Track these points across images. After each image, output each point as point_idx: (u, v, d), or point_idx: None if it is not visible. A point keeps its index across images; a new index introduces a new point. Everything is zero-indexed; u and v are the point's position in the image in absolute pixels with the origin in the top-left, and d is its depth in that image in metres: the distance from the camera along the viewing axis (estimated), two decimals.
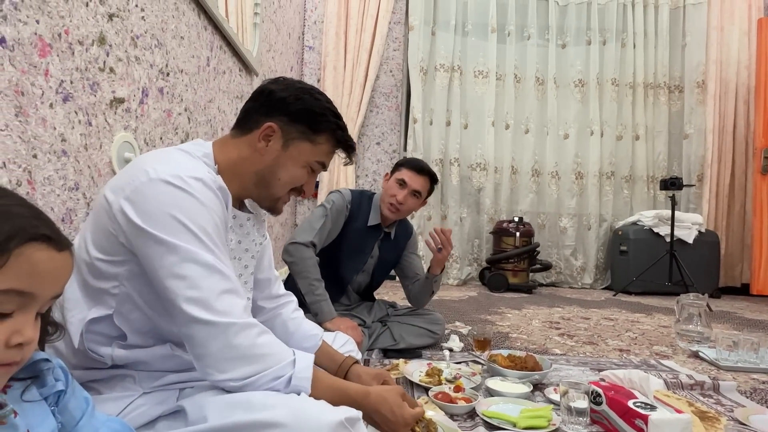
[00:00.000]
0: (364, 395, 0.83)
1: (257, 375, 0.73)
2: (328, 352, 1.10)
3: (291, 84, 0.93)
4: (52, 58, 1.00)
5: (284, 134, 0.90)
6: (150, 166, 0.76)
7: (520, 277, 3.87)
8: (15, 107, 0.91)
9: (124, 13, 1.28)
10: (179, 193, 0.75)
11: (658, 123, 4.41)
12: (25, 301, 0.47)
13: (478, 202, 4.32)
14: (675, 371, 1.70)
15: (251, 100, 0.95)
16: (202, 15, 1.81)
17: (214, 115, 2.02)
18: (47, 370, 0.55)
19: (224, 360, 0.72)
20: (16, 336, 0.46)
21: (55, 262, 0.49)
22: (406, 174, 1.79)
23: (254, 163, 0.90)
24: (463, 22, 4.31)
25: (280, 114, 0.90)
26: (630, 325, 2.61)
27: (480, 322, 2.49)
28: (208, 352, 0.72)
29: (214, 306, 0.72)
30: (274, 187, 0.92)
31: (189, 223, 0.74)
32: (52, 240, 0.48)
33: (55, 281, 0.50)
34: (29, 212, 0.49)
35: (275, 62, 3.19)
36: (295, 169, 0.92)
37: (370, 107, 4.31)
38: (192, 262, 0.72)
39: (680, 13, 4.41)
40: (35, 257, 0.47)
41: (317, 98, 0.93)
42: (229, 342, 0.72)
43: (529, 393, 1.36)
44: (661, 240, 3.86)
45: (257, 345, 0.74)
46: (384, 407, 0.82)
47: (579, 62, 4.35)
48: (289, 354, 0.78)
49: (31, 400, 0.53)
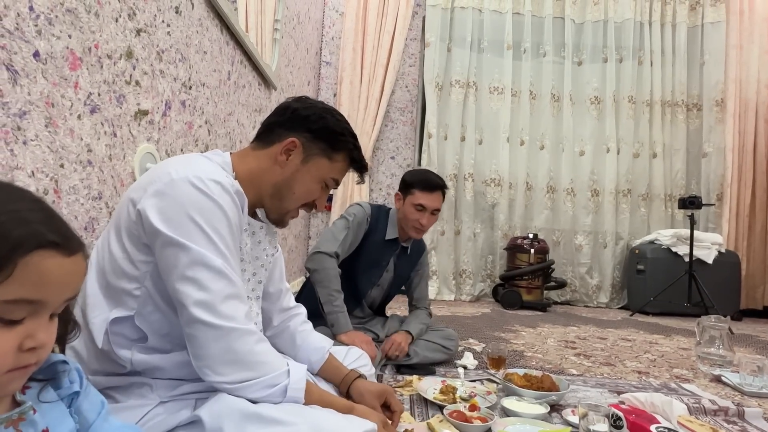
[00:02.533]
0: (349, 409, 0.84)
1: (252, 381, 0.75)
2: (333, 365, 1.10)
3: (314, 104, 0.99)
4: (81, 72, 1.03)
5: (305, 150, 0.94)
6: (173, 168, 0.80)
7: (534, 295, 3.82)
8: (45, 118, 0.93)
9: (151, 28, 1.32)
10: (198, 195, 0.77)
11: (676, 141, 4.36)
12: (35, 308, 0.46)
13: (492, 217, 4.29)
14: (697, 396, 1.65)
15: (274, 115, 0.99)
16: (224, 30, 1.86)
17: (233, 128, 2.06)
18: (63, 372, 0.56)
19: (222, 363, 0.74)
20: (29, 340, 0.46)
21: (65, 268, 0.48)
22: (422, 197, 1.76)
23: (273, 174, 0.94)
24: (479, 39, 4.34)
25: (303, 130, 0.94)
26: (648, 346, 2.54)
27: (494, 340, 2.45)
28: (207, 353, 0.74)
29: (218, 309, 0.74)
30: (288, 200, 0.96)
31: (204, 225, 0.76)
32: (61, 246, 0.47)
33: (65, 287, 0.49)
34: (38, 217, 0.47)
35: (293, 77, 3.24)
36: (311, 184, 0.96)
37: (385, 122, 4.34)
38: (202, 265, 0.75)
39: (698, 32, 4.39)
40: (43, 266, 0.46)
41: (338, 119, 0.98)
42: (229, 346, 0.74)
43: (546, 414, 1.33)
44: (679, 259, 3.78)
45: (254, 352, 0.76)
46: None
47: (595, 79, 4.34)
48: (283, 364, 0.79)
49: (48, 401, 0.53)
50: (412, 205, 1.77)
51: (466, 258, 4.23)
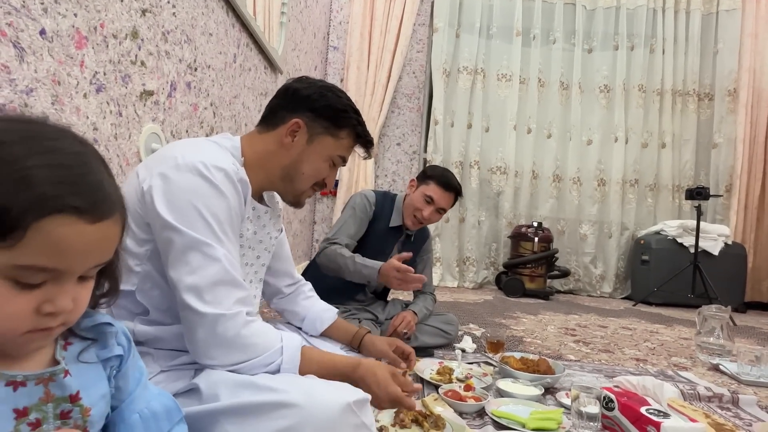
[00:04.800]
0: (353, 367, 0.87)
1: (244, 363, 0.76)
2: (343, 324, 1.18)
3: (314, 83, 0.99)
4: (87, 50, 1.05)
5: (309, 129, 0.95)
6: (179, 152, 0.81)
7: (537, 283, 3.83)
8: (52, 96, 0.95)
9: (157, 8, 1.33)
10: (201, 181, 0.79)
11: (686, 131, 4.31)
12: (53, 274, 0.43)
13: (497, 205, 4.29)
14: (693, 383, 1.66)
15: (276, 97, 1.00)
16: (230, 13, 1.86)
17: (238, 111, 2.07)
18: (109, 333, 0.54)
19: (211, 347, 0.76)
20: (47, 305, 0.44)
21: (86, 236, 0.43)
22: (435, 191, 1.77)
23: (281, 157, 0.95)
24: (488, 25, 4.30)
25: (305, 110, 0.95)
26: (649, 335, 2.56)
27: (494, 326, 2.47)
28: (196, 338, 0.76)
29: (204, 296, 0.75)
30: (298, 181, 0.97)
31: (204, 212, 0.78)
32: (83, 211, 0.42)
33: (87, 255, 0.45)
34: (62, 176, 0.42)
35: (300, 61, 3.24)
36: (319, 163, 0.97)
37: (392, 108, 4.33)
38: (196, 250, 0.76)
39: (713, 19, 4.30)
40: (58, 233, 0.41)
41: (339, 96, 0.98)
42: (215, 331, 0.75)
43: (540, 396, 1.35)
44: (684, 251, 3.77)
45: (242, 336, 0.77)
46: (370, 379, 0.85)
47: (605, 67, 4.29)
48: (276, 341, 0.80)
49: (87, 362, 0.52)
50: (423, 194, 1.78)
51: (470, 245, 4.24)
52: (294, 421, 0.66)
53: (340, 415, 0.67)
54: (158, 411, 0.58)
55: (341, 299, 1.79)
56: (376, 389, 0.84)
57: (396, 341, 1.17)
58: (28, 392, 0.47)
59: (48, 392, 0.48)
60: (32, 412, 0.47)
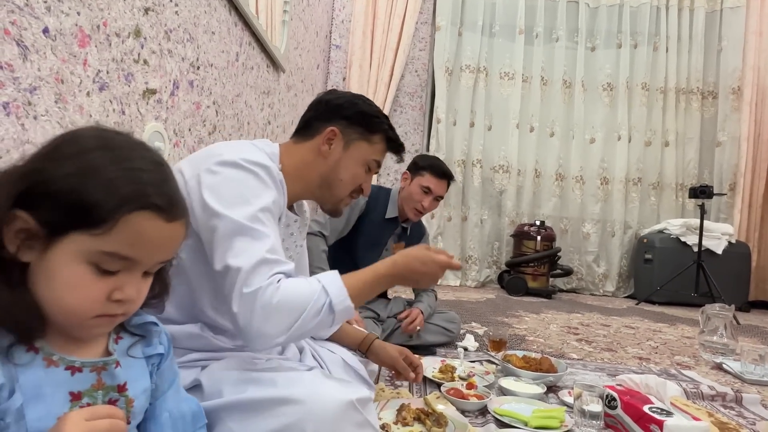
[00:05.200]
0: (392, 263, 0.88)
1: (297, 321, 0.74)
2: (351, 329, 1.17)
3: (344, 93, 1.03)
4: (90, 49, 1.05)
5: (344, 136, 0.98)
6: (224, 150, 0.83)
7: (539, 282, 3.82)
8: (55, 94, 0.96)
9: (159, 7, 1.33)
10: (246, 174, 0.81)
11: (690, 129, 4.29)
12: (128, 264, 0.49)
13: (500, 204, 4.28)
14: (696, 382, 1.66)
15: (309, 111, 1.03)
16: (233, 11, 1.86)
17: (241, 110, 2.07)
18: (154, 332, 0.59)
19: (262, 324, 0.73)
20: (117, 292, 0.49)
21: (162, 232, 0.50)
22: (431, 181, 1.82)
23: (318, 165, 0.98)
24: (491, 23, 4.29)
25: (339, 119, 0.98)
26: (651, 334, 2.55)
27: (496, 324, 2.47)
28: (248, 324, 0.73)
29: (247, 278, 0.73)
30: (337, 188, 0.99)
31: (252, 200, 0.79)
32: (163, 210, 0.50)
33: (159, 249, 0.52)
34: (151, 178, 0.50)
35: (302, 60, 3.24)
36: (356, 168, 0.99)
37: (394, 106, 4.32)
38: (243, 235, 0.76)
39: (716, 17, 4.28)
40: (141, 226, 0.48)
41: (369, 103, 1.02)
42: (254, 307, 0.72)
43: (542, 394, 1.35)
44: (688, 249, 3.75)
45: (281, 297, 0.74)
46: (414, 263, 0.88)
47: (608, 65, 4.27)
48: (315, 284, 0.78)
49: (134, 356, 0.57)
50: (420, 186, 1.82)
51: (473, 244, 4.24)
52: (296, 418, 0.65)
53: (343, 412, 0.67)
54: (186, 413, 0.62)
55: None
56: (424, 267, 0.88)
57: (405, 350, 1.17)
58: (83, 378, 0.51)
59: (100, 380, 0.52)
60: (84, 397, 0.51)
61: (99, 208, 0.46)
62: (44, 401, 0.48)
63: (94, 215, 0.46)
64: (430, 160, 1.89)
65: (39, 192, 0.47)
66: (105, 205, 0.46)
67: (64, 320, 0.49)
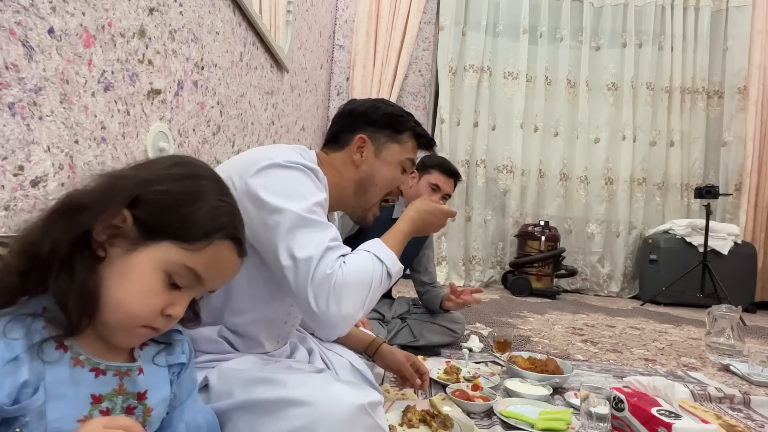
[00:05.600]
0: (410, 220, 0.97)
1: (369, 293, 0.79)
2: (358, 333, 1.17)
3: (364, 100, 1.04)
4: (95, 49, 1.05)
5: (374, 141, 0.99)
6: (271, 153, 0.84)
7: (543, 282, 3.81)
8: (60, 94, 0.95)
9: (164, 7, 1.33)
10: (297, 173, 0.82)
11: (695, 129, 4.26)
12: (194, 284, 0.53)
13: (504, 204, 4.27)
14: (703, 383, 1.65)
15: (335, 124, 1.03)
16: (237, 11, 1.86)
17: (245, 110, 2.07)
18: (178, 341, 0.61)
19: (340, 305, 0.75)
20: (171, 308, 0.52)
21: (232, 264, 0.56)
22: (440, 179, 1.84)
23: (353, 173, 0.98)
24: (495, 23, 4.27)
25: (365, 125, 0.99)
26: (657, 335, 2.53)
27: (501, 325, 2.46)
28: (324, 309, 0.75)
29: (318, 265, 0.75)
30: (372, 193, 1.00)
31: (308, 195, 0.81)
32: (240, 245, 0.57)
33: (223, 278, 0.57)
34: (238, 214, 0.58)
35: (306, 59, 3.23)
36: (390, 171, 1.00)
37: None
38: (306, 227, 0.77)
39: (722, 16, 4.26)
40: (223, 253, 0.54)
41: (390, 104, 1.03)
42: (334, 289, 0.75)
43: (548, 396, 1.34)
44: (693, 250, 3.73)
45: (351, 276, 0.77)
46: (427, 216, 0.98)
47: (613, 65, 4.25)
48: (368, 256, 0.83)
49: (158, 365, 0.58)
50: (429, 184, 1.83)
51: (476, 244, 4.22)
52: (308, 421, 0.65)
53: (353, 415, 0.66)
54: (202, 424, 0.62)
55: None
56: (435, 219, 0.97)
57: (412, 356, 1.17)
58: (106, 381, 0.52)
59: (121, 385, 0.53)
60: (105, 401, 0.51)
61: (200, 227, 0.52)
62: (66, 401, 0.48)
63: (194, 232, 0.51)
64: (438, 159, 1.91)
65: (150, 199, 0.51)
66: (206, 226, 0.52)
67: (117, 321, 0.50)
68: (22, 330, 0.47)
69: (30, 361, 0.46)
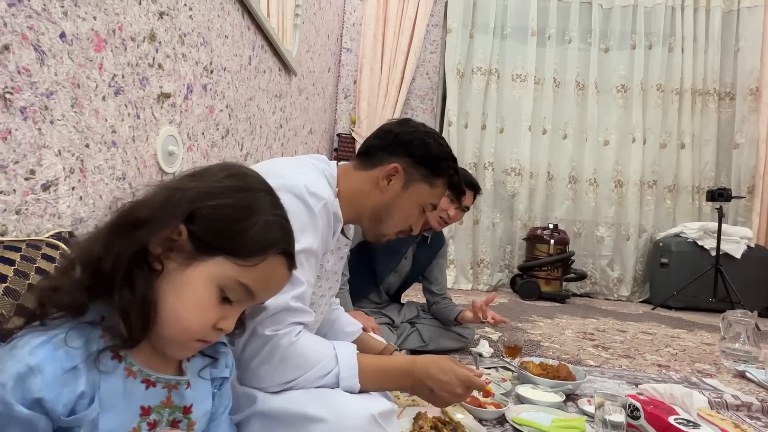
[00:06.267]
0: (412, 361, 0.83)
1: (295, 380, 0.72)
2: (369, 340, 1.14)
3: (416, 127, 0.97)
4: (106, 53, 1.05)
5: (407, 175, 0.94)
6: (287, 171, 0.80)
7: (553, 286, 3.77)
8: (71, 98, 0.95)
9: (174, 11, 1.33)
10: (301, 206, 0.77)
11: (706, 131, 4.21)
12: (246, 298, 0.53)
13: (512, 207, 4.24)
14: (719, 390, 1.61)
15: (376, 137, 0.98)
16: (245, 15, 1.86)
17: (253, 113, 2.07)
18: (223, 354, 0.60)
19: (258, 366, 0.71)
20: (222, 322, 0.52)
21: (282, 279, 0.56)
22: None
23: (373, 198, 0.94)
24: (502, 25, 4.26)
25: (405, 155, 0.93)
26: (670, 340, 2.49)
27: (510, 329, 2.44)
28: (242, 357, 0.71)
29: (265, 323, 0.71)
30: (386, 225, 0.96)
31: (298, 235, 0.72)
32: (291, 260, 0.56)
33: (273, 292, 0.57)
34: (290, 230, 0.57)
35: (313, 63, 3.24)
36: (410, 209, 0.96)
37: (405, 109, 4.31)
38: None
39: (733, 17, 4.21)
40: (276, 269, 0.54)
41: (440, 143, 0.97)
42: (261, 350, 0.71)
43: (561, 403, 1.32)
44: (705, 254, 3.67)
45: (291, 350, 0.72)
46: (433, 369, 0.80)
47: (622, 67, 4.22)
48: (329, 350, 0.76)
49: (204, 378, 0.57)
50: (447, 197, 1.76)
51: (484, 247, 4.20)
52: None
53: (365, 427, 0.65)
54: None
55: (355, 298, 1.76)
56: (444, 376, 0.80)
57: None
58: (155, 393, 0.52)
59: (169, 398, 0.53)
60: (153, 413, 0.51)
61: (254, 243, 0.51)
62: (117, 412, 0.48)
63: (248, 247, 0.51)
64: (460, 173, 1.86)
65: (205, 213, 0.50)
66: (260, 242, 0.51)
67: (173, 335, 0.50)
68: (82, 339, 0.47)
69: (87, 371, 0.46)
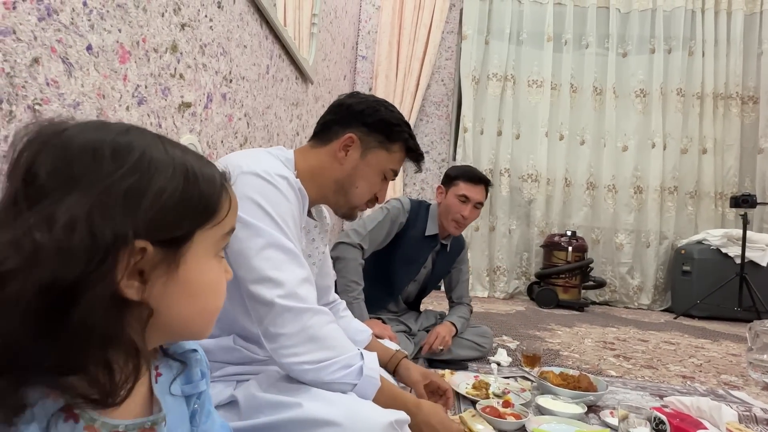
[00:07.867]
0: (418, 403, 0.86)
1: (330, 360, 0.74)
2: (379, 346, 1.13)
3: (366, 97, 1.00)
4: (130, 65, 1.07)
5: (363, 144, 0.96)
6: (243, 162, 0.82)
7: (571, 294, 3.71)
8: (96, 109, 0.98)
9: (195, 22, 1.36)
10: (266, 185, 0.80)
11: (729, 136, 4.12)
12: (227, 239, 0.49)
13: (529, 214, 4.19)
14: (747, 404, 1.56)
15: (329, 113, 1.00)
16: (264, 25, 1.89)
17: (271, 121, 2.09)
18: (195, 361, 0.52)
19: (299, 343, 0.73)
20: (227, 273, 0.49)
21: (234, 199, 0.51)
22: (465, 188, 1.76)
23: (334, 171, 0.95)
24: (518, 31, 4.24)
25: (359, 125, 0.96)
26: (694, 350, 2.43)
27: (528, 338, 2.40)
28: (284, 333, 0.73)
29: (296, 292, 0.75)
30: (352, 196, 0.97)
31: (273, 213, 0.78)
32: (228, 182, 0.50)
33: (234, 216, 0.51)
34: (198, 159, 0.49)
35: (329, 71, 3.26)
36: (372, 177, 0.98)
37: (420, 116, 4.31)
38: (276, 247, 0.76)
39: (756, 19, 4.12)
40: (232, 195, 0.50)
41: (391, 110, 0.99)
42: (306, 325, 0.74)
43: (582, 414, 1.29)
44: (729, 261, 3.58)
45: (329, 333, 0.76)
46: (434, 419, 0.85)
47: (641, 71, 4.16)
48: (354, 347, 0.80)
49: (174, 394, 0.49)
50: (456, 196, 1.76)
51: (501, 255, 4.16)
52: None
53: None
54: None
55: (372, 309, 1.76)
56: (441, 427, 0.85)
57: (430, 374, 1.11)
58: None
59: None
60: None
61: (213, 197, 0.46)
62: None
63: (211, 205, 0.45)
64: (462, 168, 1.85)
65: (154, 213, 0.40)
66: (215, 192, 0.46)
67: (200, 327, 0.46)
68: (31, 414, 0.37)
69: None
